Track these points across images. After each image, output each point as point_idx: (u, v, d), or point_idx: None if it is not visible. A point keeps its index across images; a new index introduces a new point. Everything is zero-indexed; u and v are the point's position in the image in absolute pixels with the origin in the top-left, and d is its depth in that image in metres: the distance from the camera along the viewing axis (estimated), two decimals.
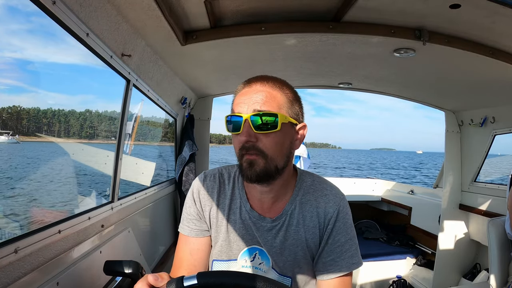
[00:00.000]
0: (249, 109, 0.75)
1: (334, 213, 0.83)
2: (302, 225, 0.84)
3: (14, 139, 17.29)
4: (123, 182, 1.54)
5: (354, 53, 1.63)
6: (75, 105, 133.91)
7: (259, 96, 0.76)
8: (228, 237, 0.86)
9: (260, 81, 0.78)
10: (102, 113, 26.13)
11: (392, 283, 2.99)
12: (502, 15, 1.15)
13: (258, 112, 0.74)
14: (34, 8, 0.78)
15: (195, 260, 0.87)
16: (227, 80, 2.24)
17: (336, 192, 0.87)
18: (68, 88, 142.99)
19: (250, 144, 0.74)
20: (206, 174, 0.90)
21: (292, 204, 0.85)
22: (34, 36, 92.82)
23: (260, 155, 0.75)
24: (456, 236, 2.71)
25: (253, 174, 0.75)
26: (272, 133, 0.74)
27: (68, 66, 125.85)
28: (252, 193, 0.85)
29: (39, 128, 21.93)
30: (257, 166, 0.75)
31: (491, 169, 2.75)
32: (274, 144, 0.75)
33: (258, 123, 0.74)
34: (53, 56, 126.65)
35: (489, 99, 2.27)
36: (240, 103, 0.76)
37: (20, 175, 8.36)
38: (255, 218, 0.84)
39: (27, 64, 50.62)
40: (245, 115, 0.74)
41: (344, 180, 4.17)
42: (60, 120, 23.73)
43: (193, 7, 1.23)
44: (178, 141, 2.49)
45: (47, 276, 0.92)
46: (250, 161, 0.75)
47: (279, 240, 0.84)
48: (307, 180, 0.88)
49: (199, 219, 0.88)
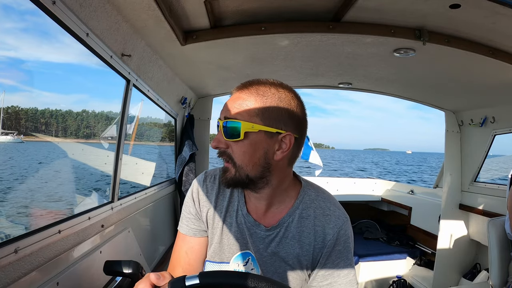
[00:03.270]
0: (222, 115, 0.75)
1: (334, 236, 0.80)
2: (298, 240, 0.81)
3: (19, 139, 17.42)
4: (122, 182, 1.54)
5: (354, 53, 1.63)
6: (74, 105, 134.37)
7: (233, 103, 0.75)
8: (222, 239, 0.85)
9: (243, 87, 0.77)
10: (98, 113, 26.48)
11: (392, 283, 2.99)
12: (502, 15, 1.15)
13: (227, 120, 0.74)
14: (29, 7, 0.78)
15: (191, 259, 0.87)
16: (227, 80, 2.24)
17: (339, 214, 0.82)
18: (74, 87, 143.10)
19: (220, 150, 0.75)
20: (206, 174, 0.90)
21: (290, 216, 0.82)
22: (29, 34, 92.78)
23: (231, 162, 0.75)
24: (456, 236, 2.71)
25: (224, 181, 0.77)
26: (239, 141, 0.73)
27: (64, 65, 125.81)
28: (249, 197, 0.84)
29: (43, 127, 21.96)
30: (228, 173, 0.76)
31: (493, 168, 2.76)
32: (242, 153, 0.74)
33: (228, 131, 0.73)
34: (51, 56, 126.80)
35: (489, 99, 2.27)
36: (222, 108, 0.77)
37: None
38: (250, 224, 0.83)
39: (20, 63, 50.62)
40: (220, 121, 0.75)
41: (344, 180, 4.16)
42: (58, 120, 23.80)
43: (193, 7, 1.23)
44: (178, 141, 2.49)
45: (47, 276, 0.92)
46: (224, 167, 0.77)
47: (271, 250, 0.82)
48: (310, 194, 0.85)
49: (198, 219, 0.87)
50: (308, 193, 0.85)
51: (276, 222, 0.82)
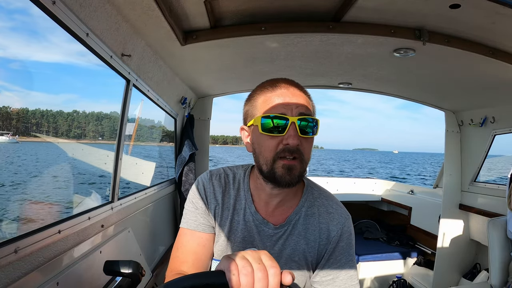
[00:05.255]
0: (294, 112, 0.74)
1: (338, 233, 0.83)
2: (304, 236, 0.83)
3: (14, 139, 17.44)
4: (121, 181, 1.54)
5: (354, 53, 1.63)
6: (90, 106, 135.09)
7: (300, 100, 0.76)
8: (229, 237, 0.85)
9: (293, 84, 0.78)
10: (89, 113, 26.80)
11: (392, 283, 2.99)
12: (502, 15, 1.15)
13: (305, 116, 0.74)
14: (16, 6, 0.77)
15: (201, 255, 0.85)
16: (227, 80, 2.24)
17: (341, 212, 0.86)
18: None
19: (296, 147, 0.73)
20: (211, 173, 0.89)
21: (297, 214, 0.84)
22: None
23: (299, 159, 0.74)
24: (456, 236, 2.71)
25: (293, 180, 0.74)
26: (310, 138, 0.75)
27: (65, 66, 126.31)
28: (260, 195, 0.84)
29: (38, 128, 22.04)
30: (295, 170, 0.74)
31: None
32: (310, 149, 0.76)
33: (303, 127, 0.74)
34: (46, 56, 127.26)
35: (489, 99, 2.28)
36: (281, 104, 0.75)
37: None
38: (258, 222, 0.84)
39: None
40: (291, 117, 0.73)
41: (344, 180, 4.16)
42: (49, 120, 23.91)
43: (193, 7, 1.23)
44: (178, 141, 2.49)
45: (47, 276, 0.92)
46: (288, 166, 0.73)
47: (278, 248, 0.83)
48: (314, 192, 0.88)
49: (207, 214, 0.86)
50: (312, 191, 0.88)
51: (284, 220, 0.84)
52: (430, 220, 3.04)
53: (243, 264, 0.50)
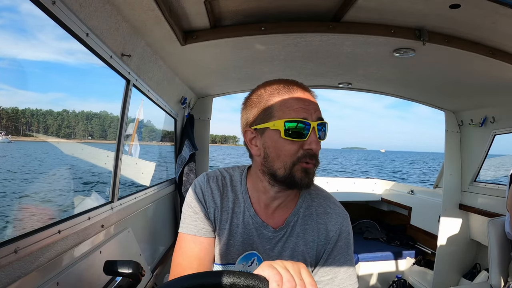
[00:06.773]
0: (314, 117, 0.74)
1: (336, 233, 0.83)
2: (302, 238, 0.83)
3: (7, 139, 17.41)
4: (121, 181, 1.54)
5: (354, 53, 1.63)
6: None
7: (316, 104, 0.76)
8: (228, 240, 0.84)
9: (306, 88, 0.78)
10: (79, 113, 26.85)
11: (392, 283, 2.99)
12: (502, 15, 1.15)
13: (322, 121, 0.75)
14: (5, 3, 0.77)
15: (205, 260, 0.84)
16: (227, 80, 2.24)
17: (339, 211, 0.86)
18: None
19: (317, 152, 0.75)
20: (208, 175, 0.88)
21: (295, 215, 0.84)
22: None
23: (314, 163, 0.75)
24: (456, 236, 2.71)
25: (311, 182, 0.76)
26: (320, 142, 0.76)
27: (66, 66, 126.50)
28: (259, 197, 0.83)
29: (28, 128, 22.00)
30: (311, 174, 0.76)
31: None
32: (318, 153, 0.77)
33: (323, 133, 0.76)
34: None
35: (489, 99, 2.28)
36: (301, 108, 0.73)
37: None
38: (258, 225, 0.83)
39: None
40: (312, 122, 0.73)
41: (344, 180, 4.16)
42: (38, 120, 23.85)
43: (193, 7, 1.23)
44: (178, 141, 2.49)
45: (47, 276, 0.92)
46: (306, 169, 0.74)
47: (277, 250, 0.83)
48: (311, 192, 0.87)
49: (207, 218, 0.85)
50: (309, 192, 0.87)
51: (283, 222, 0.83)
52: (430, 220, 3.03)
53: (288, 278, 0.51)
